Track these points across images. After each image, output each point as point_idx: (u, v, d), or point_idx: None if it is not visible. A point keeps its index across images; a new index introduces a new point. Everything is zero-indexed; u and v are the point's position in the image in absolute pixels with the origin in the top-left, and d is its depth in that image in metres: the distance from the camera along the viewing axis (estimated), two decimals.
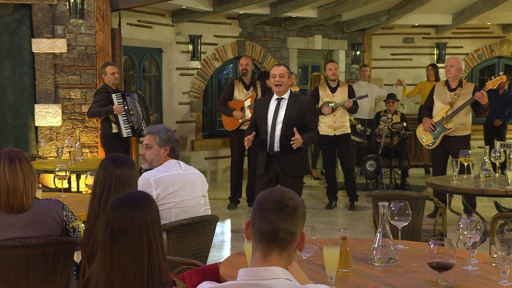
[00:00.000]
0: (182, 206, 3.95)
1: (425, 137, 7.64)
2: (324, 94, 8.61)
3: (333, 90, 8.58)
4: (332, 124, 8.55)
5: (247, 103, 8.61)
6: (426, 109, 7.67)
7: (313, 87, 10.71)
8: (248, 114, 8.57)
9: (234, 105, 8.64)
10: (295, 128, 5.71)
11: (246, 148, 5.91)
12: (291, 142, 5.69)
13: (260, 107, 6.07)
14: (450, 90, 7.46)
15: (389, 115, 10.11)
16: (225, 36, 11.03)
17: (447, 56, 12.95)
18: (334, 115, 8.54)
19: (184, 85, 10.62)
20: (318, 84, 9.99)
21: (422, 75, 13.09)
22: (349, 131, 8.68)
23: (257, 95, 8.62)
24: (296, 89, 9.80)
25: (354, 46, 12.82)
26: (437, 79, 11.36)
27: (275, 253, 2.12)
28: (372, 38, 13.16)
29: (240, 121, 8.59)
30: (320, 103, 8.57)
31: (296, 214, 2.13)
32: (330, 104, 8.45)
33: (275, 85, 5.91)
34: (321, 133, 8.56)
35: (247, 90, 8.66)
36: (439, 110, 7.50)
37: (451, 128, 7.40)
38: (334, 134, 8.56)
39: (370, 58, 13.11)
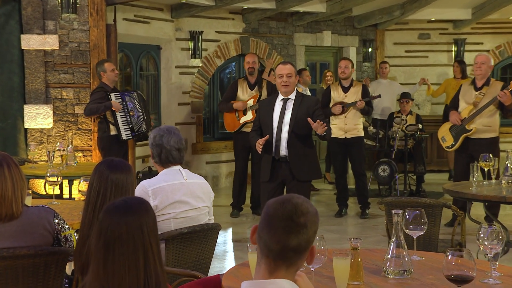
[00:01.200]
0: (183, 217, 3.93)
1: (446, 138, 7.59)
2: (336, 94, 8.60)
3: (345, 89, 8.58)
4: (343, 126, 8.53)
5: (250, 103, 8.61)
6: (451, 108, 7.62)
7: (325, 86, 10.72)
8: (250, 115, 8.56)
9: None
10: (309, 118, 5.70)
11: (259, 152, 5.90)
12: (321, 124, 5.61)
13: (265, 108, 6.06)
14: (476, 89, 7.38)
15: (403, 116, 10.09)
16: (228, 32, 11.04)
17: (465, 53, 12.94)
18: (346, 117, 8.52)
19: (184, 85, 10.63)
20: (331, 83, 9.97)
21: (439, 72, 13.07)
22: (362, 134, 8.67)
23: (261, 95, 8.62)
24: (300, 89, 9.75)
25: (366, 43, 12.81)
26: (464, 76, 11.34)
27: (282, 269, 2.12)
28: (385, 34, 13.15)
29: (241, 122, 8.59)
30: (332, 103, 8.56)
31: (307, 232, 2.12)
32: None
33: (283, 85, 5.90)
34: (331, 135, 8.55)
35: (251, 90, 8.66)
36: (462, 110, 7.44)
37: (472, 130, 7.35)
38: (345, 137, 8.55)
39: (383, 56, 13.10)
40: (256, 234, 2.18)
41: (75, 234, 3.48)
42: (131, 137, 7.74)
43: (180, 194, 3.92)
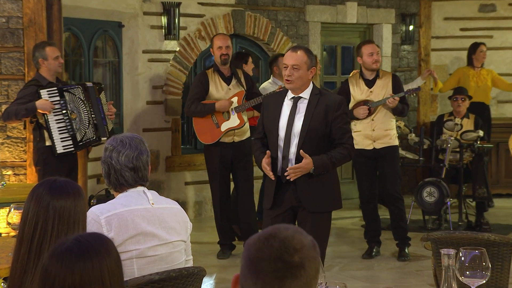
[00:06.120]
0: (150, 255, 3.92)
1: None
2: (358, 91, 8.59)
3: (370, 83, 8.58)
4: (370, 133, 8.54)
5: (233, 103, 8.56)
6: None
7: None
8: (236, 119, 8.52)
9: None
10: (301, 151, 5.74)
11: (272, 178, 5.90)
12: (285, 174, 5.83)
13: (270, 108, 6.06)
14: None
15: (458, 120, 10.08)
16: (215, 4, 11.06)
17: None
18: (373, 120, 8.52)
19: (156, 76, 10.63)
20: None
21: (510, 58, 13.04)
22: (395, 142, 8.67)
23: (246, 90, 8.60)
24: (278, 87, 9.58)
25: (406, 18, 12.82)
26: (481, 65, 11.53)
27: None
28: (432, 6, 13.17)
29: (223, 130, 8.52)
30: (352, 103, 8.56)
31: (306, 273, 2.12)
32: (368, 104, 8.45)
33: (285, 80, 5.94)
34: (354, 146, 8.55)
35: (228, 84, 8.66)
36: None
37: None
38: (374, 148, 8.55)
39: (429, 36, 13.11)
40: (239, 285, 2.18)
41: (3, 283, 3.48)
42: (71, 148, 7.67)
43: (145, 223, 3.92)
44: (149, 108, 10.63)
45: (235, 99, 8.57)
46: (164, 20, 10.60)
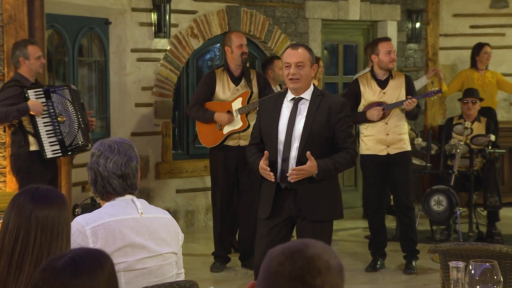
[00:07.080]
0: (139, 268, 3.91)
1: None
2: (369, 92, 8.55)
3: (382, 84, 8.56)
4: (384, 137, 8.51)
5: (237, 105, 8.57)
6: None
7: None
8: (239, 122, 8.53)
9: (215, 108, 8.62)
10: (308, 152, 5.74)
11: (272, 180, 5.88)
12: (287, 174, 5.83)
13: (268, 112, 6.06)
14: None
15: (468, 123, 10.07)
16: (209, 0, 11.06)
17: None
18: (386, 123, 8.49)
19: (145, 77, 10.62)
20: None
21: None
22: (409, 148, 8.65)
23: (252, 92, 8.59)
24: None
25: (412, 15, 12.82)
26: (485, 67, 11.51)
27: None
28: (440, 1, 13.16)
29: (225, 132, 8.55)
30: (363, 106, 8.52)
31: None
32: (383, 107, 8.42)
33: (289, 79, 5.91)
34: (365, 152, 8.52)
35: (236, 85, 8.67)
36: None
37: None
38: (388, 153, 8.53)
39: (437, 33, 13.10)
40: None
41: None
42: (60, 153, 7.66)
43: (133, 234, 3.92)
44: (138, 111, 10.62)
45: (239, 100, 8.56)
46: (154, 16, 10.58)
